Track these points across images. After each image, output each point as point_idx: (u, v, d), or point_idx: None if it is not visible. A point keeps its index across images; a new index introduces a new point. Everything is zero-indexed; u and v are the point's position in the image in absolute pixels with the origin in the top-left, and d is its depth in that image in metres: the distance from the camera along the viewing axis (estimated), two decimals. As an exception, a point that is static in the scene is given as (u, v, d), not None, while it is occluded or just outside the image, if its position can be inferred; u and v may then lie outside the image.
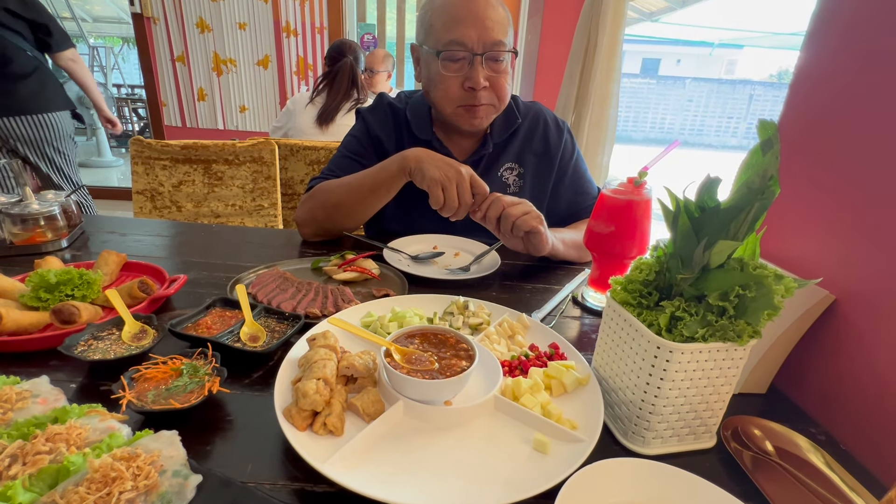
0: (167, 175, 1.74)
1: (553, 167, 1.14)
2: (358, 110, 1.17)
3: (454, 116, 1.04)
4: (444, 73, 0.98)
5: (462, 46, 0.95)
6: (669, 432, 0.51)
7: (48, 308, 0.66)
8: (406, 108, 1.13)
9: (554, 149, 1.14)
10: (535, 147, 1.14)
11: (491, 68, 0.97)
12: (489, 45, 0.95)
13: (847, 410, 0.56)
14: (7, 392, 0.43)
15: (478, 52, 0.95)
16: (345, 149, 1.14)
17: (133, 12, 3.50)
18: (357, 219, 1.04)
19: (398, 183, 0.97)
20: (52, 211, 0.94)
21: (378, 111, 1.14)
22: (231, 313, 0.70)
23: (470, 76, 0.96)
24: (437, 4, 0.98)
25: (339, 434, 0.48)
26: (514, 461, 0.47)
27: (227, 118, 3.80)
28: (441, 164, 0.90)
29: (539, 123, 1.15)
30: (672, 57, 16.96)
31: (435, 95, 1.03)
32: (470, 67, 0.96)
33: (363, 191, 0.99)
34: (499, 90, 1.00)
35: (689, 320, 0.47)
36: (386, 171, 0.97)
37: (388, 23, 3.99)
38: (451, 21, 0.95)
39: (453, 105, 1.01)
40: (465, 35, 0.94)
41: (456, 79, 0.98)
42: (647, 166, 0.75)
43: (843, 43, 0.60)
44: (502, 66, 0.98)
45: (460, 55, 0.96)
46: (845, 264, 0.58)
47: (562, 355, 0.64)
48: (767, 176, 0.42)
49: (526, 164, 1.14)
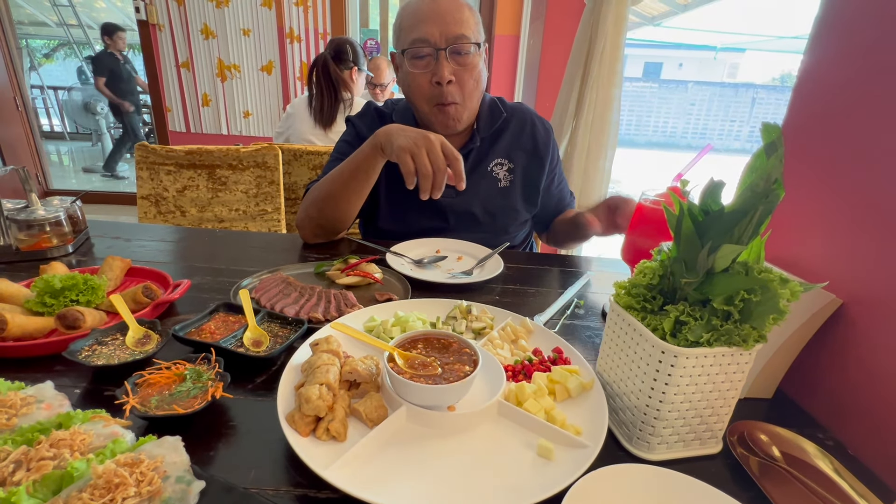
0: (171, 180, 1.75)
1: (544, 167, 1.18)
2: (348, 118, 1.22)
3: (430, 117, 1.07)
4: (413, 71, 1.02)
5: (425, 43, 0.98)
6: (675, 438, 0.51)
7: (53, 313, 0.66)
8: (392, 113, 1.16)
9: (543, 147, 1.17)
10: (524, 143, 1.17)
11: (456, 62, 1.00)
12: (451, 38, 0.97)
13: (855, 415, 0.56)
14: (12, 398, 0.43)
15: (441, 46, 0.98)
16: (337, 153, 1.17)
17: (139, 19, 3.53)
18: (346, 209, 1.04)
19: (374, 162, 0.98)
20: (58, 217, 0.94)
21: (366, 117, 1.19)
22: (234, 318, 0.70)
23: (435, 71, 0.99)
24: (406, 10, 1.02)
25: (342, 440, 0.48)
26: (518, 467, 0.47)
27: (231, 123, 3.82)
28: (410, 132, 0.90)
29: (527, 122, 1.18)
30: (674, 61, 16.99)
31: (410, 96, 1.07)
32: (436, 63, 0.99)
33: (344, 177, 1.01)
34: (464, 85, 1.02)
35: (693, 325, 0.47)
36: (361, 153, 0.99)
37: (391, 28, 4.01)
38: (416, 21, 0.99)
39: (428, 104, 1.04)
40: (428, 32, 0.97)
41: (424, 75, 1.01)
42: (681, 173, 0.73)
43: (847, 46, 0.60)
44: (468, 60, 1.00)
45: (424, 51, 0.99)
46: (852, 267, 0.57)
47: (565, 360, 0.64)
48: (772, 179, 0.42)
49: (516, 159, 1.16)
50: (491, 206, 1.14)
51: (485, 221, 1.15)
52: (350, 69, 2.07)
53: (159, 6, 3.49)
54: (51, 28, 7.79)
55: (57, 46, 10.49)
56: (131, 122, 5.45)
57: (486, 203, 1.14)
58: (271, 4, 3.50)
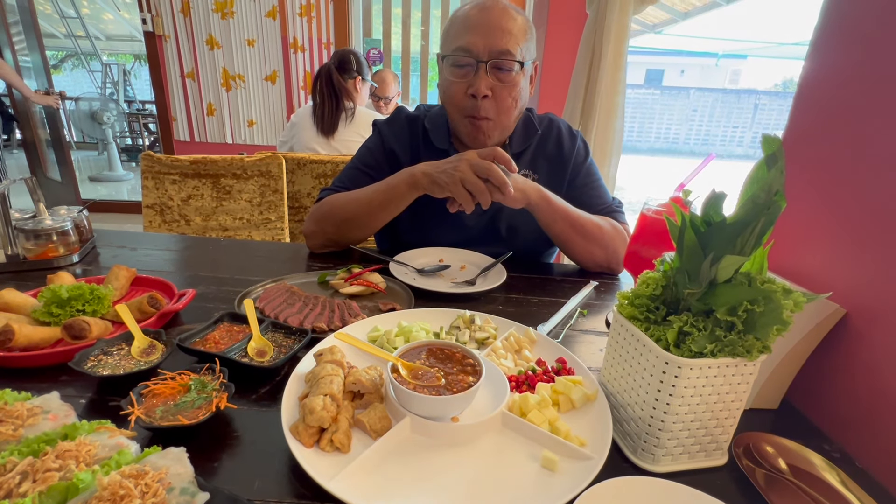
0: (176, 189, 1.76)
1: (566, 170, 1.14)
2: (375, 122, 1.19)
3: (462, 128, 1.05)
4: (451, 79, 1.00)
5: (467, 53, 0.96)
6: (679, 449, 0.51)
7: (59, 323, 0.67)
8: (425, 119, 1.14)
9: (567, 153, 1.14)
10: (548, 152, 1.14)
11: (496, 77, 0.97)
12: (495, 53, 0.95)
13: (862, 426, 0.55)
14: (18, 408, 0.44)
15: (482, 59, 0.95)
16: (358, 160, 1.15)
17: (145, 31, 3.59)
18: (367, 232, 1.06)
19: (409, 198, 0.98)
20: (65, 226, 0.95)
21: (395, 124, 1.16)
22: (239, 328, 0.70)
23: (473, 83, 0.97)
24: (457, 16, 1.01)
25: (346, 451, 0.48)
26: (522, 479, 0.47)
27: (236, 133, 3.86)
28: (446, 168, 0.90)
29: (552, 130, 1.15)
30: (675, 68, 17.05)
31: (445, 103, 1.06)
32: (475, 75, 0.97)
33: (373, 206, 1.00)
34: (500, 102, 0.99)
35: (697, 335, 0.47)
36: (396, 190, 0.97)
37: (394, 38, 4.05)
38: (463, 29, 0.97)
39: (460, 114, 1.02)
40: (472, 42, 0.95)
41: (461, 85, 0.99)
42: (683, 183, 0.73)
43: (848, 53, 0.60)
44: (508, 77, 0.97)
45: (465, 61, 0.97)
46: (855, 277, 0.57)
47: (569, 370, 0.63)
48: (773, 191, 0.42)
49: (539, 169, 1.14)
50: (514, 220, 1.11)
51: (507, 237, 1.13)
52: (354, 79, 2.10)
53: (165, 18, 3.54)
54: (59, 39, 7.93)
55: (65, 57, 10.66)
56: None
57: (510, 218, 1.11)
58: (276, 15, 3.55)
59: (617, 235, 1.05)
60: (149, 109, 6.95)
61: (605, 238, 1.03)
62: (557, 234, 1.03)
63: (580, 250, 1.04)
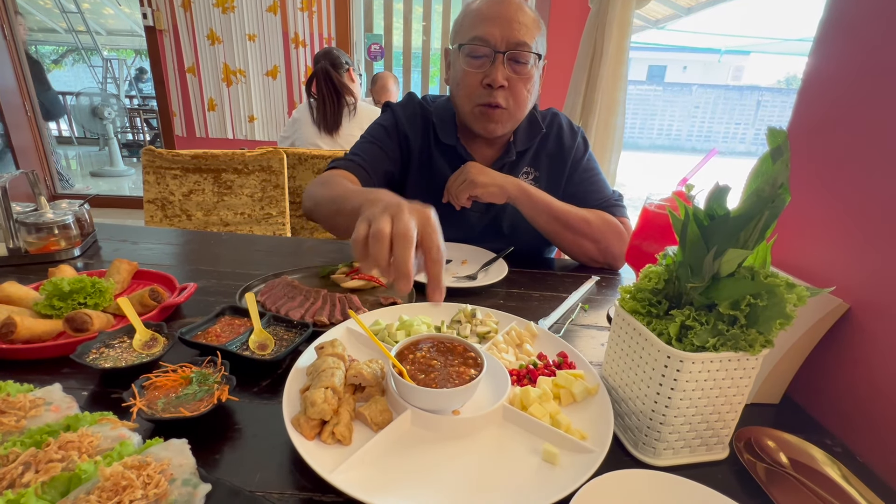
0: (178, 184, 1.76)
1: (566, 165, 1.14)
2: (387, 103, 1.17)
3: (472, 117, 1.03)
4: (466, 69, 0.99)
5: (485, 43, 0.96)
6: (681, 443, 0.51)
7: (61, 316, 0.67)
8: (432, 110, 1.13)
9: (567, 149, 1.14)
10: (549, 148, 1.14)
11: (513, 69, 0.97)
12: (512, 44, 0.95)
13: (864, 421, 0.55)
14: (21, 400, 0.44)
15: (500, 49, 0.95)
16: (369, 135, 1.13)
17: (146, 25, 3.58)
18: (340, 234, 1.00)
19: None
20: (66, 220, 0.95)
21: (409, 107, 1.15)
22: (240, 321, 0.70)
23: (489, 73, 0.97)
24: (471, 6, 1.00)
25: (347, 443, 0.48)
26: (523, 472, 0.47)
27: (237, 128, 3.85)
28: (384, 209, 0.60)
29: (554, 126, 1.15)
30: (678, 64, 16.96)
31: (457, 93, 1.04)
32: (491, 66, 0.97)
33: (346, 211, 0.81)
34: (517, 94, 0.99)
35: (699, 329, 0.47)
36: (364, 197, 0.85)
37: (395, 33, 4.04)
38: (480, 19, 0.97)
39: (472, 103, 1.01)
40: (490, 33, 0.95)
41: (476, 75, 0.99)
42: (686, 178, 0.73)
43: (852, 49, 0.60)
44: (525, 70, 0.98)
45: (482, 51, 0.97)
46: (860, 272, 0.57)
47: (570, 364, 0.63)
48: (777, 184, 0.42)
49: (541, 166, 1.14)
50: (516, 218, 1.10)
51: (509, 234, 1.13)
52: (347, 71, 2.12)
53: (166, 12, 3.53)
54: (59, 34, 7.90)
55: (66, 52, 10.63)
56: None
57: (512, 216, 1.12)
58: (277, 10, 3.53)
59: (609, 230, 1.04)
60: (150, 105, 6.93)
61: (593, 232, 1.03)
62: (543, 228, 1.04)
63: (570, 244, 1.05)
